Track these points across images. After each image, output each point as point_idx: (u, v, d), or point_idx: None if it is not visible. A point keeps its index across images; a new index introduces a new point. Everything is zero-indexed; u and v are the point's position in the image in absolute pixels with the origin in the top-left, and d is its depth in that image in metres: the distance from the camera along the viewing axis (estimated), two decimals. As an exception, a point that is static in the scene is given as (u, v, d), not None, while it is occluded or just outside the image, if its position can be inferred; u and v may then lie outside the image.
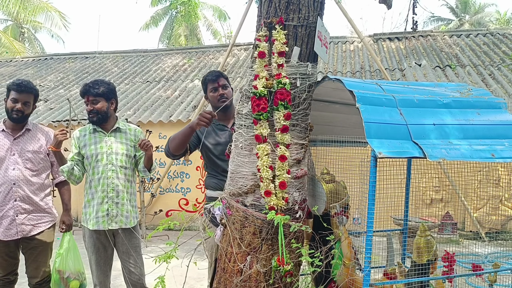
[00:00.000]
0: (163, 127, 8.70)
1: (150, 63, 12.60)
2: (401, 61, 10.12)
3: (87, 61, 13.44)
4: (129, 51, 13.79)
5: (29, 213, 3.33)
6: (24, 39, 24.22)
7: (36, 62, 14.06)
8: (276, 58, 2.33)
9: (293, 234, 2.36)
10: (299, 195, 2.42)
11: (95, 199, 3.29)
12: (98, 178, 3.29)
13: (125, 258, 3.37)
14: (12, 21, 23.72)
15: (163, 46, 22.99)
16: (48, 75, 12.63)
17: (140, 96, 10.29)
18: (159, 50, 14.01)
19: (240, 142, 2.44)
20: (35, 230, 3.36)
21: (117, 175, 3.30)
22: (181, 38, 21.77)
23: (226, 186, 2.56)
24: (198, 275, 3.05)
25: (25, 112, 3.30)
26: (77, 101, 10.29)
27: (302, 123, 2.42)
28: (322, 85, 2.50)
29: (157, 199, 8.63)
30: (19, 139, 3.33)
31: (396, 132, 2.09)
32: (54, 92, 11.19)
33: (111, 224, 3.26)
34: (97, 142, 3.33)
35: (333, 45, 11.73)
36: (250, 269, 2.33)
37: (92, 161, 3.30)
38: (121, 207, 3.30)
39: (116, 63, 12.90)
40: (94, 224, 3.27)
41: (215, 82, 3.17)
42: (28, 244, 3.35)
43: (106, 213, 3.26)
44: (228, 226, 2.47)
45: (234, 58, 11.88)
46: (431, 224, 4.94)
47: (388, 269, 2.56)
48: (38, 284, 3.46)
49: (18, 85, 3.24)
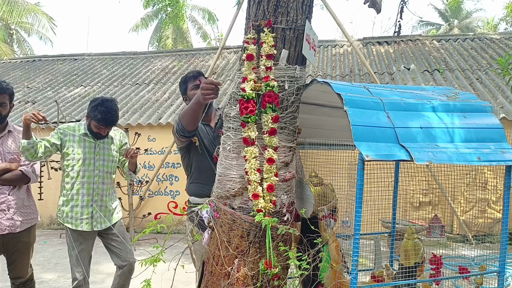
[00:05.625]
0: (152, 130, 8.66)
1: (140, 65, 12.54)
2: (390, 65, 10.19)
3: (76, 63, 13.34)
4: (119, 53, 13.71)
5: (18, 209, 3.30)
6: (13, 40, 23.98)
7: (24, 64, 13.92)
8: (264, 60, 2.33)
9: (281, 237, 2.36)
10: (287, 198, 2.42)
11: (77, 200, 3.38)
12: (83, 182, 3.38)
13: (115, 249, 3.51)
14: (0, 22, 23.48)
15: (153, 48, 22.91)
16: (36, 76, 12.51)
17: (130, 98, 10.23)
18: (148, 53, 13.95)
19: (228, 145, 2.43)
20: (22, 226, 3.33)
21: (103, 180, 3.45)
22: (168, 40, 21.69)
23: (213, 188, 2.55)
24: (187, 279, 3.03)
25: (2, 113, 3.26)
26: (66, 103, 10.21)
27: (290, 126, 2.42)
28: (311, 88, 2.50)
29: (146, 202, 8.57)
30: (1, 140, 3.29)
31: (384, 135, 2.10)
32: (42, 94, 11.09)
33: (96, 225, 3.41)
34: (86, 146, 3.42)
35: (323, 49, 11.78)
36: (237, 272, 2.32)
37: (77, 164, 3.37)
38: (104, 209, 3.45)
39: (105, 65, 12.82)
40: (78, 225, 3.37)
41: (196, 79, 3.12)
42: (15, 245, 3.31)
43: (91, 215, 3.39)
44: (215, 229, 2.46)
45: (224, 60, 11.87)
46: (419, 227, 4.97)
47: (376, 272, 2.57)
48: (22, 283, 3.43)
49: None
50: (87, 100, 10.33)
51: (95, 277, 3.74)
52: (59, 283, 5.35)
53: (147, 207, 8.54)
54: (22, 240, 3.34)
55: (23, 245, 3.36)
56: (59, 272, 5.84)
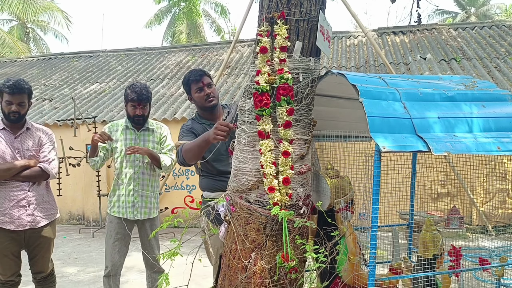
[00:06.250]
0: (168, 125, 8.68)
1: (154, 60, 12.60)
2: (406, 55, 10.06)
3: (91, 59, 13.47)
4: (133, 49, 13.80)
5: (38, 205, 3.37)
6: (29, 39, 24.31)
7: (41, 62, 14.11)
8: (278, 53, 2.31)
9: (298, 230, 2.35)
10: (303, 190, 2.41)
11: (121, 190, 3.61)
12: (125, 172, 3.61)
13: (146, 243, 3.70)
14: (16, 21, 23.82)
15: (167, 43, 22.99)
16: (53, 74, 12.67)
17: (145, 94, 10.29)
18: (162, 48, 14.00)
19: (243, 139, 2.43)
20: (43, 221, 3.39)
21: (143, 170, 3.64)
22: (182, 35, 21.73)
23: (229, 182, 2.55)
24: (204, 272, 3.05)
25: (21, 112, 3.31)
26: (82, 100, 10.32)
27: (305, 118, 2.40)
28: (325, 80, 2.48)
29: (163, 196, 8.65)
30: (20, 137, 3.35)
31: (400, 126, 2.07)
32: (59, 91, 11.23)
33: (136, 214, 3.62)
34: (128, 138, 3.67)
35: (337, 40, 11.68)
36: (254, 265, 2.32)
37: (120, 155, 3.62)
38: (145, 200, 3.64)
39: (120, 62, 12.91)
40: (124, 214, 3.59)
41: (199, 82, 3.11)
42: (36, 240, 3.37)
43: (132, 205, 3.60)
44: (232, 223, 2.46)
45: (238, 54, 11.86)
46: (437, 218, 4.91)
47: (394, 264, 2.54)
48: (43, 278, 3.50)
49: (10, 87, 3.23)
50: (102, 97, 10.44)
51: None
52: (79, 277, 5.44)
53: (164, 201, 8.62)
54: (42, 235, 3.40)
55: (44, 240, 3.42)
56: (79, 266, 5.94)
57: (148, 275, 3.79)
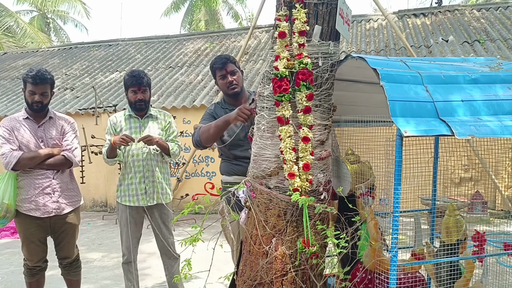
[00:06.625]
0: (187, 112, 8.76)
1: (173, 48, 12.63)
2: (427, 38, 9.85)
3: (111, 48, 13.57)
4: (152, 37, 13.86)
5: (62, 192, 3.43)
6: (50, 29, 24.61)
7: (62, 52, 14.28)
8: (297, 37, 2.28)
9: (318, 216, 2.35)
10: (323, 176, 2.40)
11: (132, 178, 3.60)
12: (133, 160, 3.60)
13: (159, 230, 3.70)
14: (37, 12, 24.12)
15: (185, 31, 22.99)
16: (74, 63, 12.83)
17: (164, 82, 10.35)
18: (180, 36, 14.02)
19: (262, 125, 2.42)
20: (67, 208, 3.46)
21: (151, 156, 3.62)
22: (201, 23, 21.70)
23: (249, 168, 2.55)
24: (225, 258, 3.08)
25: (44, 102, 3.36)
26: (102, 89, 10.44)
27: (325, 103, 2.37)
28: (345, 64, 2.44)
29: (183, 183, 8.73)
30: (43, 126, 3.41)
31: (422, 110, 2.03)
32: (80, 81, 11.37)
33: (149, 201, 3.62)
34: (132, 127, 3.64)
35: (356, 24, 11.50)
36: (275, 251, 2.33)
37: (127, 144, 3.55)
38: (157, 185, 3.64)
39: (139, 50, 12.99)
40: (135, 202, 3.60)
41: (222, 69, 3.14)
42: (62, 226, 3.45)
43: (145, 191, 3.60)
44: (252, 208, 2.47)
45: (256, 40, 11.79)
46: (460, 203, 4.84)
47: (416, 249, 2.52)
48: (69, 263, 3.58)
49: (33, 77, 3.27)
50: (122, 85, 10.53)
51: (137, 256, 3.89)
52: (103, 262, 5.56)
53: (184, 188, 8.71)
54: (67, 221, 3.47)
55: (69, 226, 3.49)
56: (103, 252, 6.06)
57: (163, 262, 3.81)
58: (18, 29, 20.76)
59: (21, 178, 3.34)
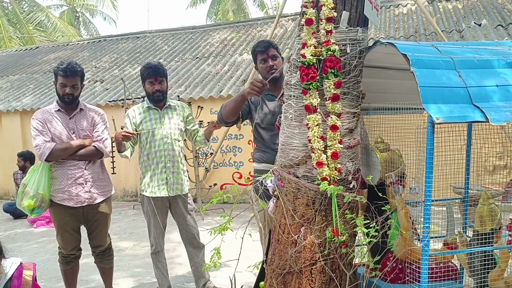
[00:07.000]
0: (214, 102, 8.79)
1: (199, 39, 12.67)
2: (459, 22, 9.55)
3: (139, 40, 13.72)
4: (178, 28, 13.93)
5: (94, 182, 3.52)
6: (79, 23, 25.09)
7: (91, 45, 14.54)
8: (324, 24, 2.25)
9: (347, 205, 2.32)
10: (352, 165, 2.36)
11: (154, 170, 3.62)
12: (155, 151, 3.62)
13: (182, 220, 3.75)
14: (66, 6, 24.61)
15: (211, 21, 23.02)
16: (103, 56, 13.04)
17: (191, 72, 10.41)
18: (207, 26, 14.04)
19: (289, 113, 2.40)
20: (99, 198, 3.54)
21: (172, 147, 3.65)
22: (229, 13, 21.69)
23: (277, 158, 2.55)
24: (254, 246, 3.09)
25: (75, 94, 3.44)
26: (131, 81, 10.58)
27: (353, 91, 2.34)
28: (374, 51, 2.39)
29: (211, 173, 8.80)
30: (74, 118, 3.48)
31: (455, 96, 1.97)
32: (109, 73, 11.56)
33: (170, 191, 3.63)
34: (152, 118, 3.65)
35: (384, 10, 11.25)
36: (304, 240, 2.33)
37: (148, 136, 3.61)
38: (177, 176, 3.67)
39: (166, 41, 13.08)
40: (156, 192, 3.61)
41: (264, 53, 3.17)
42: (94, 215, 3.54)
43: (166, 182, 3.62)
44: (280, 198, 2.47)
45: (282, 29, 11.70)
46: (494, 192, 4.71)
47: (449, 239, 2.47)
48: (102, 252, 3.67)
49: (64, 70, 3.35)
50: (150, 77, 10.63)
51: (166, 245, 3.96)
52: (135, 250, 5.68)
53: (212, 178, 8.78)
54: (99, 211, 3.56)
55: (101, 215, 3.58)
56: (134, 241, 6.19)
57: (188, 251, 3.85)
58: (49, 23, 21.27)
59: (55, 169, 3.43)
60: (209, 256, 2.43)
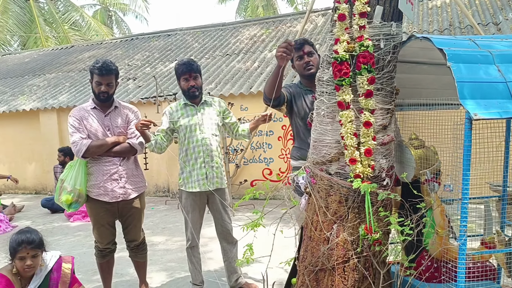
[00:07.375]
0: (244, 99, 8.82)
1: (229, 36, 12.72)
2: (496, 14, 9.24)
3: (170, 38, 13.89)
4: (208, 25, 14.01)
5: (128, 178, 3.60)
6: (112, 21, 25.60)
7: (124, 43, 14.81)
8: (357, 19, 2.22)
9: (381, 202, 2.30)
10: (386, 162, 2.33)
11: (193, 165, 3.65)
12: (193, 147, 3.66)
13: (218, 215, 3.77)
14: (100, 5, 25.15)
15: (240, 18, 23.07)
16: (135, 54, 13.26)
17: (221, 69, 10.47)
18: (236, 23, 14.07)
19: (322, 110, 2.39)
20: (133, 193, 3.62)
21: (210, 142, 3.68)
22: (258, 9, 21.69)
23: (309, 154, 2.54)
24: (285, 243, 3.09)
25: (110, 92, 3.52)
26: (162, 78, 10.73)
27: (387, 87, 2.30)
28: (408, 45, 2.35)
29: (242, 169, 8.84)
30: (109, 115, 3.56)
31: (494, 91, 1.92)
32: (141, 71, 11.75)
33: (209, 186, 3.66)
34: (189, 115, 3.69)
35: (417, 3, 11.00)
36: (337, 237, 2.31)
37: (186, 132, 3.65)
38: (216, 170, 3.69)
39: (196, 39, 13.19)
40: (196, 187, 3.64)
41: (300, 50, 3.20)
42: (129, 210, 3.62)
43: (205, 176, 3.65)
44: (312, 194, 2.46)
45: (312, 24, 11.61)
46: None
47: (486, 237, 2.41)
48: (136, 246, 3.75)
49: (99, 68, 3.43)
50: (181, 74, 10.75)
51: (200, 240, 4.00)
52: (167, 245, 5.77)
53: (243, 174, 8.81)
54: (134, 206, 3.63)
55: (135, 210, 3.66)
56: (166, 235, 6.29)
57: (222, 246, 3.89)
58: (83, 23, 21.78)
59: (91, 165, 3.52)
60: (242, 252, 2.45)
